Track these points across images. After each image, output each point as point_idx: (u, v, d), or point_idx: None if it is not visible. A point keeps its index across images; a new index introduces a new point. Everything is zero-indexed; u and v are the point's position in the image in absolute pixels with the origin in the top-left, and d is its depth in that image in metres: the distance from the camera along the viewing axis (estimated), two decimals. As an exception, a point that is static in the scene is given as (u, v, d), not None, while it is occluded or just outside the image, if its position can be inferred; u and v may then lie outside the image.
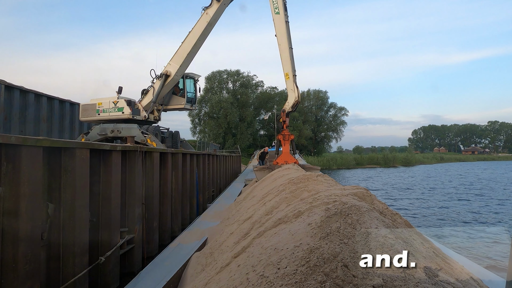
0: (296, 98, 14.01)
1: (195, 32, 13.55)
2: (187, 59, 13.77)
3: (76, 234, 4.58)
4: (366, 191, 3.64)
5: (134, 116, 13.62)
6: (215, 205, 10.25)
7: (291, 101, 14.12)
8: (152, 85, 14.06)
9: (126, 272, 6.12)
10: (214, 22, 13.74)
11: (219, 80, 74.08)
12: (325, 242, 2.24)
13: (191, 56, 13.88)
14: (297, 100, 14.10)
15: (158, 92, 13.78)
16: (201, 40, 13.78)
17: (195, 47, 13.73)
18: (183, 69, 13.94)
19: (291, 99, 14.12)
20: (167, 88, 14.23)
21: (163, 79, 13.75)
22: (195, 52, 14.02)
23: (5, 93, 9.88)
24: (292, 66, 13.95)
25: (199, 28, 13.48)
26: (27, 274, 3.69)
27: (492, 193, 28.79)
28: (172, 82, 14.05)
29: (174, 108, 15.27)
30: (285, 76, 14.01)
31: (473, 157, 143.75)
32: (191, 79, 15.41)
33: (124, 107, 13.49)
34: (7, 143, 3.61)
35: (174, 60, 13.80)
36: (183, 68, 13.92)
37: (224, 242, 4.77)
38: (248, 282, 2.23)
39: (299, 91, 14.24)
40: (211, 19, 13.38)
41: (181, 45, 13.76)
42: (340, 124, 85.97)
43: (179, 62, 13.67)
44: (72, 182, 4.63)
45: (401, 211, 17.26)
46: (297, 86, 14.07)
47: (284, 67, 14.05)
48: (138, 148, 6.77)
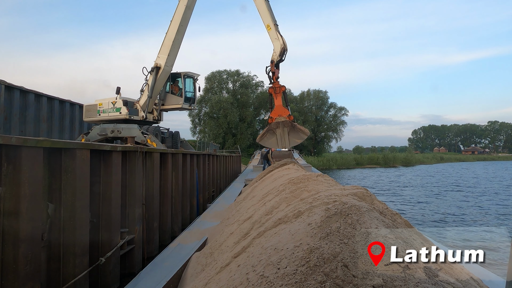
0: (281, 45, 13.62)
1: (176, 18, 13.61)
2: (173, 48, 13.80)
3: (76, 234, 4.59)
4: (366, 191, 3.64)
5: (131, 116, 13.65)
6: (215, 205, 10.24)
7: (278, 50, 13.69)
8: (146, 82, 14.07)
9: (126, 273, 6.13)
10: (192, 4, 13.80)
11: (219, 80, 74.08)
12: (325, 242, 2.25)
13: (176, 44, 13.92)
14: (283, 47, 13.68)
15: (152, 86, 13.78)
16: (184, 26, 13.82)
17: (179, 34, 13.76)
18: (172, 58, 13.94)
19: (277, 47, 13.69)
20: (161, 82, 14.20)
21: (154, 73, 13.79)
22: (180, 39, 14.07)
23: (5, 93, 9.88)
24: (272, 16, 13.72)
25: (179, 14, 13.54)
26: (27, 274, 3.69)
27: (492, 193, 28.79)
28: (164, 74, 14.03)
29: (172, 108, 15.21)
30: (267, 28, 13.69)
31: (473, 157, 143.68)
32: (190, 78, 15.39)
33: (121, 107, 13.53)
34: (7, 144, 3.61)
35: (161, 52, 13.86)
36: (171, 58, 13.92)
37: (224, 242, 4.77)
38: (248, 282, 2.23)
39: (284, 39, 13.80)
40: (189, 1, 13.48)
41: (166, 35, 13.81)
42: (340, 124, 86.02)
43: (166, 52, 13.72)
44: (72, 183, 4.63)
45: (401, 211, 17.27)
46: (281, 35, 13.73)
47: (264, 19, 13.76)
48: (138, 149, 6.77)
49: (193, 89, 15.59)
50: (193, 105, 15.99)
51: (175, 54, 14.06)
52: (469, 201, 24.24)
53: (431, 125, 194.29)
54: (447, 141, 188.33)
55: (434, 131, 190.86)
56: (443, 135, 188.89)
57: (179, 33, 13.76)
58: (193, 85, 15.57)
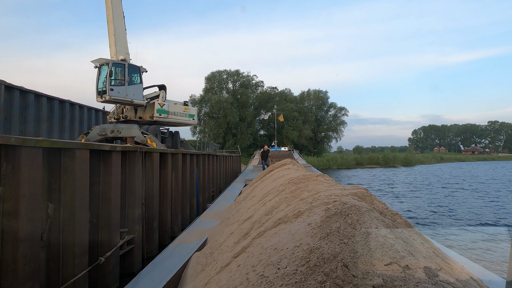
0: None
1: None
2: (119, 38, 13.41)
3: (76, 234, 4.58)
4: (366, 191, 3.64)
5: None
6: (215, 205, 10.24)
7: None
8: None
9: (126, 273, 6.13)
10: None
11: (219, 80, 74.15)
12: (325, 242, 2.24)
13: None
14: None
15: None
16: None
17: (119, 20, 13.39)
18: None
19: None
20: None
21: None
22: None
23: (5, 93, 9.87)
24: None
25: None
26: (26, 274, 3.69)
27: (492, 192, 28.79)
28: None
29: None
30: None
31: (473, 157, 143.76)
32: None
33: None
34: (6, 144, 3.61)
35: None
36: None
37: (224, 242, 4.76)
38: (248, 282, 2.23)
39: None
40: None
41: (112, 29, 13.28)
42: (340, 124, 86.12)
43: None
44: (72, 183, 4.63)
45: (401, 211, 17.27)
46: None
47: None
48: (138, 149, 6.77)
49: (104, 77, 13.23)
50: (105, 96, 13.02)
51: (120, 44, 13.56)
52: (469, 201, 24.25)
53: (431, 125, 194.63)
54: (447, 141, 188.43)
55: (434, 131, 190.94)
56: (443, 135, 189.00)
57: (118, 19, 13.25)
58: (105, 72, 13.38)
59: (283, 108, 71.51)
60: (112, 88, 12.49)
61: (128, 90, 12.97)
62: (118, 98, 12.73)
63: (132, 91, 13.10)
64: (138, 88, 13.42)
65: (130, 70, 13.14)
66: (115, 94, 12.56)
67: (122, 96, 12.78)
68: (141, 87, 13.51)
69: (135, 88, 13.27)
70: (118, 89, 12.68)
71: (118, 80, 12.83)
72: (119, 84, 12.80)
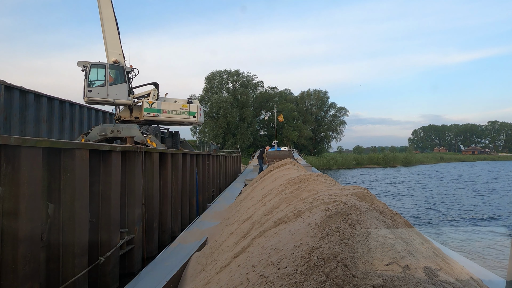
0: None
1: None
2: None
3: (75, 234, 4.58)
4: (366, 191, 3.64)
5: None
6: (215, 205, 10.24)
7: None
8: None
9: (126, 273, 6.12)
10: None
11: (219, 80, 74.12)
12: (325, 242, 2.24)
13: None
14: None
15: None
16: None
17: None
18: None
19: None
20: None
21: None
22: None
23: (5, 93, 9.86)
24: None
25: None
26: (26, 274, 3.69)
27: (492, 192, 28.79)
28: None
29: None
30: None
31: (473, 157, 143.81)
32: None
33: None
34: (6, 144, 3.60)
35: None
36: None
37: (224, 242, 4.76)
38: (248, 282, 2.23)
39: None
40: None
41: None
42: (340, 124, 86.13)
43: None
44: (71, 183, 4.63)
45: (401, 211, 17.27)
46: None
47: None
48: (138, 149, 6.77)
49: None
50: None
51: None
52: (469, 201, 24.24)
53: (431, 125, 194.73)
54: (447, 141, 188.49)
55: (434, 131, 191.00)
56: (443, 135, 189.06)
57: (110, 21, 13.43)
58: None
59: (283, 108, 71.52)
60: (90, 90, 12.70)
61: (110, 91, 13.07)
62: (98, 98, 12.89)
63: (114, 91, 13.18)
64: (122, 88, 13.46)
65: (112, 70, 13.29)
66: (94, 95, 12.76)
67: (102, 97, 12.92)
68: (125, 87, 13.50)
69: (118, 88, 13.34)
70: (97, 90, 12.85)
71: (98, 81, 13.01)
72: (100, 85, 12.98)
